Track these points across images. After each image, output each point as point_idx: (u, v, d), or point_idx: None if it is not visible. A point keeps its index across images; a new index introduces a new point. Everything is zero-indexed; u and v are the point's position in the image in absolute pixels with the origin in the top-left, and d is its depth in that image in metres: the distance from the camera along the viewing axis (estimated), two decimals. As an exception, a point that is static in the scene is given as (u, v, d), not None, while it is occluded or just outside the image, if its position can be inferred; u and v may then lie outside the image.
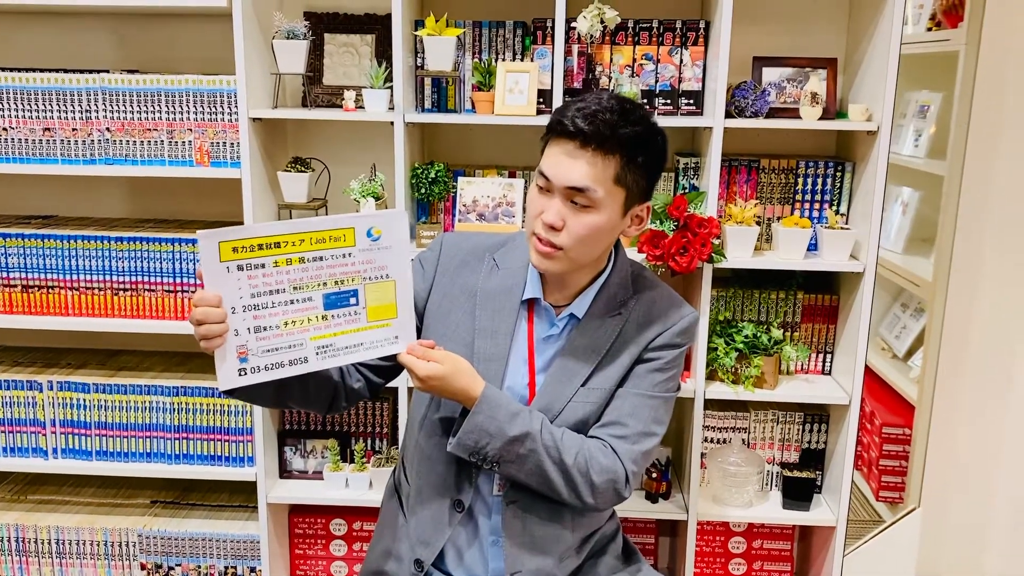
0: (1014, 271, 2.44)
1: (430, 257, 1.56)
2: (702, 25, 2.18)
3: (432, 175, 2.23)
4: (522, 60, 2.23)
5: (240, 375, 1.31)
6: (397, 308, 1.38)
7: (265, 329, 1.31)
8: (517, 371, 1.51)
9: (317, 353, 1.35)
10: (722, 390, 2.24)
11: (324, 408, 1.51)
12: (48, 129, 2.17)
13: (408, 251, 1.39)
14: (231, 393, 1.34)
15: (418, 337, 1.50)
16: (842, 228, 2.18)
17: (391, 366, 1.53)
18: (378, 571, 1.60)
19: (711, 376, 2.26)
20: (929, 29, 2.97)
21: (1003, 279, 2.45)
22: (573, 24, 2.14)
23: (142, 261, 2.24)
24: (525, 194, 2.27)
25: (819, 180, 2.24)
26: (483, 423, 1.39)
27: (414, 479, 1.56)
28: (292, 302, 1.33)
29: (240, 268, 1.29)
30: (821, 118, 2.14)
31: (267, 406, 1.54)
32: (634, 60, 2.20)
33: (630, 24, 2.19)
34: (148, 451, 2.34)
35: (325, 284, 1.34)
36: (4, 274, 2.26)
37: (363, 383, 1.53)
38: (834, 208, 2.25)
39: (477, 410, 1.38)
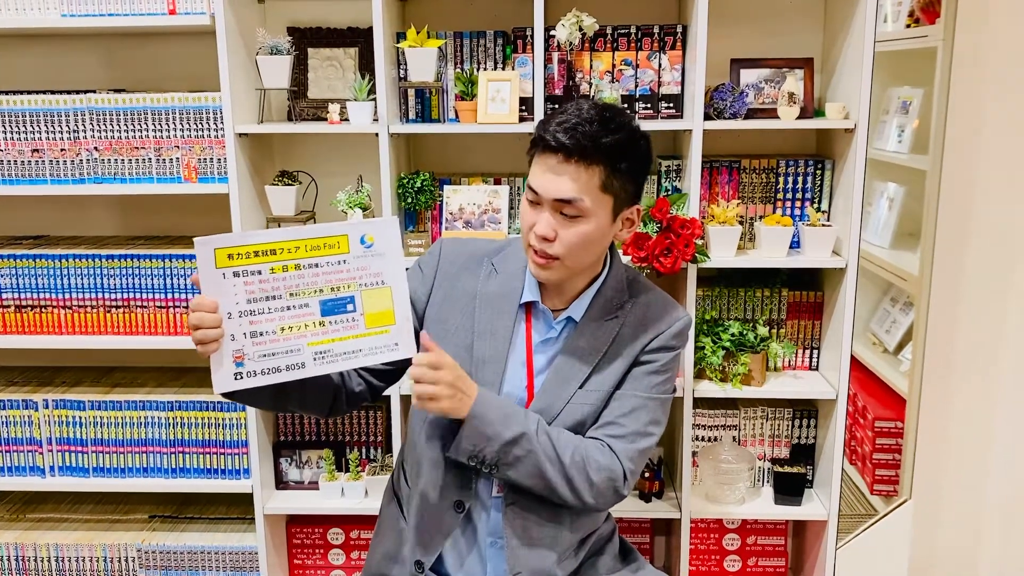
0: (996, 263, 2.46)
1: (430, 262, 1.59)
2: (679, 29, 2.21)
3: (418, 184, 2.25)
4: (503, 69, 2.26)
5: (236, 379, 1.33)
6: (395, 314, 1.40)
7: (261, 334, 1.34)
8: (515, 373, 1.53)
9: (314, 359, 1.37)
10: (711, 388, 2.26)
11: (325, 411, 1.53)
12: (37, 150, 2.20)
13: (401, 258, 1.41)
14: (231, 396, 1.37)
15: (417, 340, 1.53)
16: (823, 225, 2.21)
17: (392, 369, 1.56)
18: (379, 575, 1.62)
19: (699, 375, 2.28)
20: (908, 26, 3.01)
21: (986, 271, 2.47)
22: (552, 32, 2.16)
23: (133, 278, 2.26)
24: (510, 201, 2.29)
25: (799, 178, 2.27)
26: (479, 427, 1.41)
27: (414, 481, 1.59)
28: (289, 308, 1.35)
29: (236, 274, 1.31)
30: (799, 117, 2.17)
31: (266, 408, 1.57)
32: (613, 66, 2.23)
33: (608, 30, 2.21)
34: (145, 466, 2.36)
35: (321, 291, 1.37)
36: (-3, 295, 2.28)
37: (364, 386, 1.56)
38: (815, 205, 2.28)
39: (471, 416, 1.40)
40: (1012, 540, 2.55)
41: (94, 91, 2.20)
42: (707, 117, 2.14)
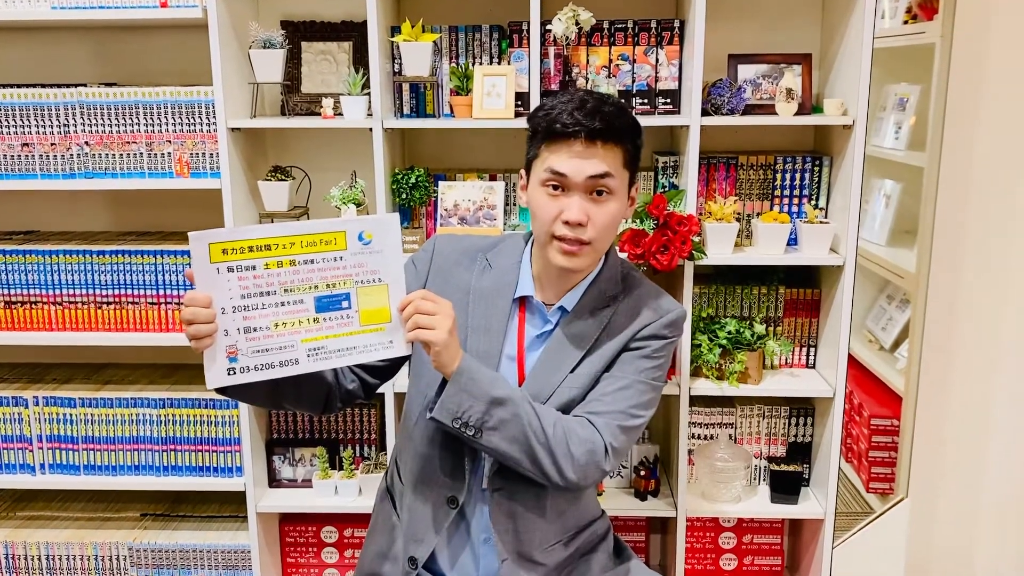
0: (993, 261, 2.45)
1: (423, 257, 1.59)
2: (677, 24, 2.19)
3: (413, 180, 2.23)
4: (499, 63, 2.24)
5: (229, 374, 1.32)
6: (390, 312, 1.39)
7: (255, 330, 1.33)
8: (508, 368, 1.53)
9: (308, 355, 1.36)
10: (707, 386, 2.24)
11: (318, 408, 1.52)
12: (26, 144, 2.17)
13: (400, 255, 1.40)
14: (224, 392, 1.36)
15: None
16: (821, 222, 2.19)
17: (387, 366, 1.56)
18: (372, 574, 1.61)
19: (696, 373, 2.27)
20: (906, 22, 3.00)
21: (983, 269, 2.46)
22: (549, 27, 2.15)
23: (125, 274, 2.24)
24: (506, 197, 2.28)
25: (797, 175, 2.26)
26: (466, 385, 1.39)
27: (408, 477, 1.58)
28: (283, 304, 1.34)
29: (230, 269, 1.30)
30: (797, 113, 2.15)
31: (260, 405, 1.56)
32: (610, 61, 2.21)
33: (605, 25, 2.20)
34: (136, 464, 2.33)
35: (316, 287, 1.35)
36: (-14, 291, 2.26)
37: (358, 384, 1.55)
38: (813, 202, 2.26)
39: (459, 372, 1.39)
40: (1008, 538, 2.55)
41: (85, 85, 2.18)
42: (704, 113, 2.12)
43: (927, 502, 2.60)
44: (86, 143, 2.17)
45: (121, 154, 2.17)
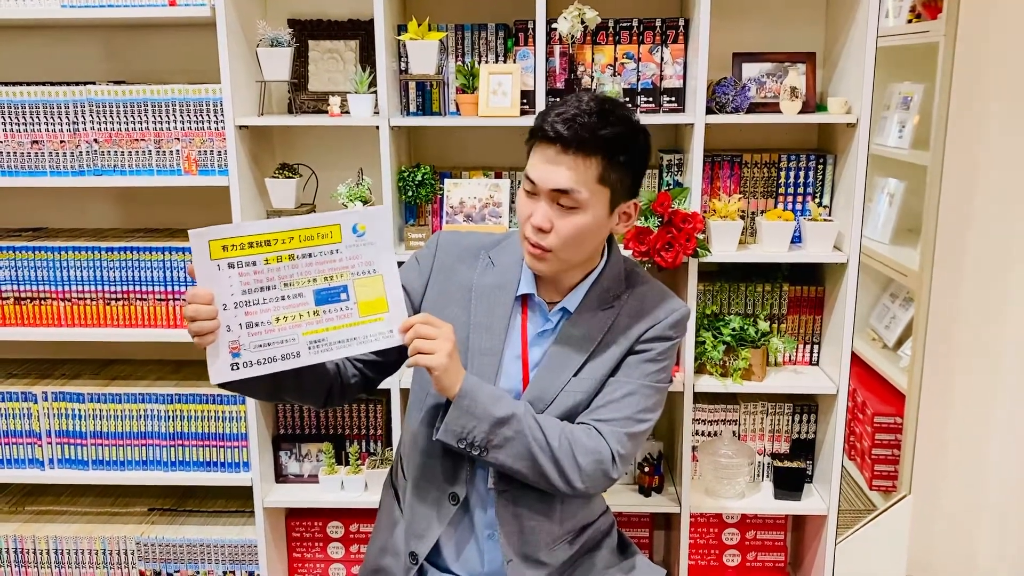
0: (997, 259, 2.46)
1: (426, 254, 1.58)
2: (682, 23, 2.20)
3: (418, 178, 2.25)
4: (504, 62, 2.25)
5: (232, 369, 1.34)
6: (388, 302, 1.41)
7: (257, 325, 1.34)
8: (512, 366, 1.53)
9: (309, 348, 1.37)
10: (711, 383, 2.26)
11: (320, 402, 1.53)
12: (36, 142, 2.19)
13: (391, 246, 1.41)
14: (226, 386, 1.37)
15: None
16: (825, 220, 2.20)
17: (386, 362, 1.56)
18: (376, 569, 1.62)
19: (700, 370, 2.28)
20: (909, 21, 3.00)
21: (986, 267, 2.47)
22: (554, 25, 2.16)
23: (133, 270, 2.25)
24: (511, 195, 2.29)
25: (801, 173, 2.27)
26: (468, 407, 1.40)
27: (411, 472, 1.58)
28: (283, 298, 1.35)
29: (231, 266, 1.32)
30: (801, 112, 2.16)
31: (262, 399, 1.57)
32: (615, 59, 2.22)
33: (611, 24, 2.21)
34: (144, 459, 2.35)
35: (315, 280, 1.37)
36: (-4, 287, 2.27)
37: (359, 377, 1.55)
38: (817, 200, 2.27)
39: (461, 394, 1.40)
40: (1010, 535, 2.56)
41: (94, 83, 2.20)
42: (709, 111, 2.13)
43: (929, 499, 2.61)
44: (95, 140, 2.18)
45: (130, 151, 2.19)
